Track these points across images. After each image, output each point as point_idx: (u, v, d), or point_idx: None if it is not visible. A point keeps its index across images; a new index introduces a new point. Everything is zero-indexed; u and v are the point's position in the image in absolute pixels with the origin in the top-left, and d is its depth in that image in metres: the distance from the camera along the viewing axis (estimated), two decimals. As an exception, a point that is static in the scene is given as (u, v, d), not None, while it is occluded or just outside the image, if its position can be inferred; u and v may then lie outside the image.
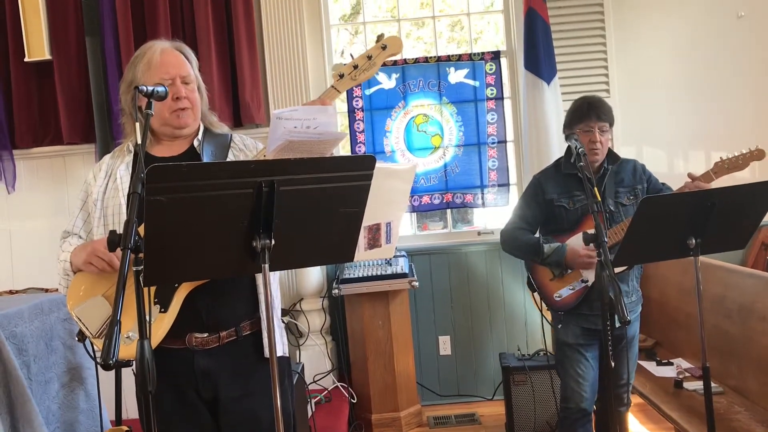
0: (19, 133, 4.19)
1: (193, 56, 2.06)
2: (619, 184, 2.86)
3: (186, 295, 1.80)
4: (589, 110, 2.79)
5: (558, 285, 2.86)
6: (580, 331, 2.84)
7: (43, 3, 4.06)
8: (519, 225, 2.96)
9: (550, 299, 2.91)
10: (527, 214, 2.96)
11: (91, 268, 1.81)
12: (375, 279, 3.81)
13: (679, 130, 4.34)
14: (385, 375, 3.96)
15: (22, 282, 4.07)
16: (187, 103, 1.95)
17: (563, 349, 2.90)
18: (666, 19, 4.36)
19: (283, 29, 4.24)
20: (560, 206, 2.86)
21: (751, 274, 3.14)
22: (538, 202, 2.92)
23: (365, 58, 1.95)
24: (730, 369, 3.05)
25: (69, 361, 2.95)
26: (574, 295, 2.82)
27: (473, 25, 4.63)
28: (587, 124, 2.78)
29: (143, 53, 1.98)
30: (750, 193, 2.29)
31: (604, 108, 2.83)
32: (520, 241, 2.92)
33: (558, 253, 2.79)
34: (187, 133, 2.02)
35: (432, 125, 4.37)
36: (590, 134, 2.78)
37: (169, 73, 1.94)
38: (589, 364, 2.84)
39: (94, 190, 1.98)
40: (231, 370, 1.91)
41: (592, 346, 2.85)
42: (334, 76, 1.95)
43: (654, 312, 3.80)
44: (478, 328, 4.45)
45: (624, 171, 2.88)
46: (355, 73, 1.94)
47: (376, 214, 1.85)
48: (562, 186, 2.88)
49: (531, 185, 3.00)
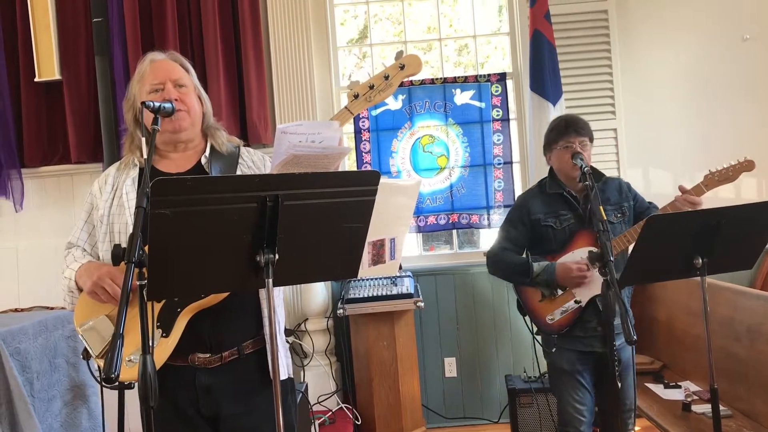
0: (27, 152, 4.22)
1: (189, 66, 2.05)
2: (606, 203, 2.79)
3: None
4: (567, 126, 2.77)
5: (549, 307, 2.79)
6: (575, 355, 2.77)
7: (54, 24, 4.12)
8: (505, 246, 2.91)
9: (542, 322, 2.83)
10: (513, 235, 2.90)
11: (96, 297, 1.79)
12: (380, 299, 3.79)
13: (685, 151, 4.34)
14: (390, 396, 3.92)
15: (27, 300, 4.08)
16: (180, 105, 1.92)
17: (560, 375, 2.83)
18: (671, 40, 4.38)
19: (290, 51, 4.28)
20: (547, 226, 2.81)
21: (759, 295, 3.10)
22: (524, 222, 2.87)
23: (382, 78, 1.90)
24: (739, 392, 3.01)
25: (72, 378, 2.95)
26: (568, 317, 2.76)
27: (479, 51, 4.66)
28: (567, 140, 2.75)
29: (137, 68, 2.00)
30: (757, 211, 2.27)
31: (582, 123, 2.80)
32: (508, 261, 2.87)
33: (548, 272, 2.74)
34: (185, 139, 1.98)
35: (438, 146, 4.38)
36: (571, 149, 2.73)
37: (158, 77, 1.94)
38: (585, 390, 2.78)
39: (100, 204, 1.96)
40: (233, 388, 1.89)
41: (587, 371, 2.79)
42: (349, 96, 1.90)
43: (661, 334, 3.77)
44: (484, 349, 4.42)
45: (609, 189, 2.85)
46: (371, 93, 1.89)
47: (381, 229, 1.84)
48: (547, 206, 2.84)
49: (516, 206, 2.97)
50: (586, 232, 2.75)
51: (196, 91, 2.01)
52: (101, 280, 1.77)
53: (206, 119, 2.04)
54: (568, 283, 2.73)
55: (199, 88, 2.04)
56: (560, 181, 2.85)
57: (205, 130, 2.04)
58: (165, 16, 4.12)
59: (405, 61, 1.91)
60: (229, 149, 2.04)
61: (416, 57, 1.93)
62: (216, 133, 2.05)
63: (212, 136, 2.04)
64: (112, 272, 1.78)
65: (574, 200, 2.80)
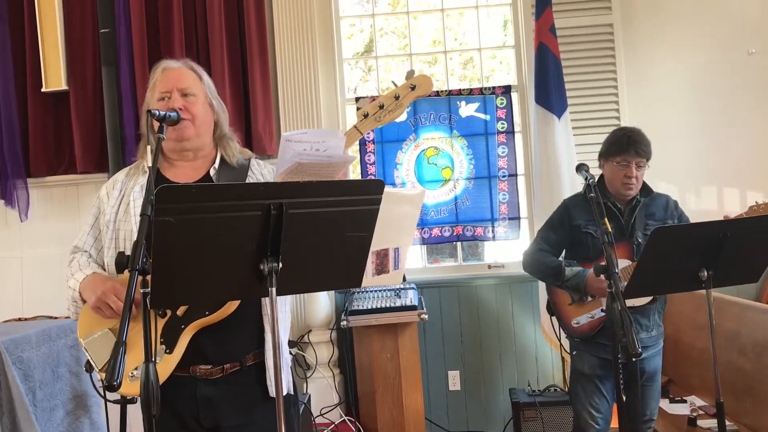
0: (33, 162, 4.24)
1: (204, 74, 2.04)
2: (650, 217, 2.82)
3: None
4: (629, 145, 2.75)
5: (577, 311, 2.83)
6: (597, 361, 2.78)
7: (62, 34, 4.15)
8: (542, 247, 2.93)
9: (568, 325, 2.87)
10: (552, 238, 2.93)
11: (100, 312, 1.79)
12: (384, 311, 3.77)
13: (691, 164, 4.33)
14: (393, 410, 3.89)
15: (31, 310, 4.08)
16: (185, 114, 1.91)
17: (579, 378, 2.84)
18: (677, 54, 4.38)
19: (296, 63, 4.30)
20: (587, 233, 2.83)
21: (765, 310, 3.09)
22: (565, 227, 2.89)
23: (392, 98, 1.88)
24: (745, 406, 2.99)
25: (75, 388, 2.94)
26: (593, 323, 2.78)
27: (484, 65, 4.67)
28: (625, 158, 2.76)
29: (151, 75, 2.01)
30: (763, 225, 2.26)
31: (644, 143, 2.79)
32: (542, 262, 2.90)
33: (578, 277, 2.76)
34: (191, 148, 1.97)
35: (443, 158, 4.38)
36: (627, 169, 2.75)
37: (166, 86, 1.94)
38: (603, 397, 2.78)
39: (107, 210, 1.96)
40: (234, 399, 1.88)
41: (609, 378, 2.78)
42: (358, 116, 1.89)
43: (667, 349, 3.71)
44: (488, 363, 4.39)
45: (655, 205, 2.86)
46: (380, 113, 1.88)
47: (385, 239, 1.84)
48: (590, 213, 2.80)
49: (559, 209, 2.98)
50: (625, 243, 2.78)
51: (207, 99, 2.00)
52: (105, 296, 1.76)
53: (219, 129, 2.04)
54: (596, 292, 2.75)
55: (212, 96, 2.03)
56: (607, 191, 2.86)
57: (217, 139, 2.04)
58: (172, 26, 4.15)
59: (416, 81, 1.89)
60: (240, 161, 2.03)
61: (427, 78, 1.90)
62: (228, 144, 2.04)
63: (224, 147, 2.03)
64: (116, 288, 1.77)
65: (618, 211, 2.82)
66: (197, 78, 2.01)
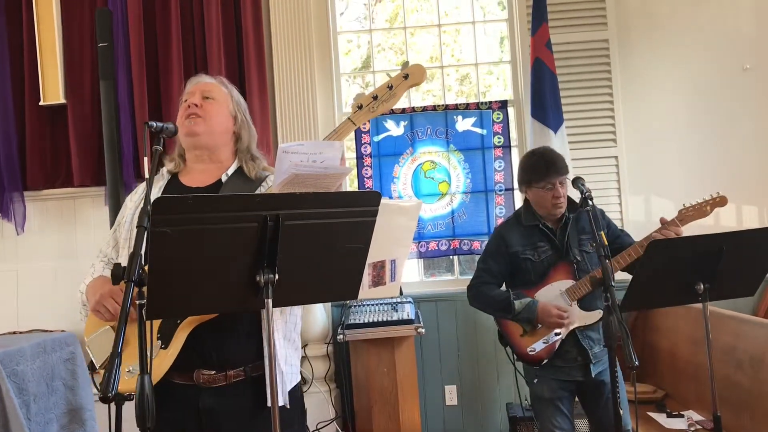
0: (30, 175, 4.24)
1: (235, 92, 2.11)
2: (581, 232, 2.87)
3: (191, 331, 1.78)
4: (548, 168, 2.81)
5: (530, 340, 2.85)
6: (557, 384, 2.83)
7: (60, 48, 4.17)
8: (485, 279, 2.96)
9: (523, 354, 2.88)
10: (493, 268, 2.95)
11: (99, 315, 1.81)
12: (380, 325, 3.76)
13: (686, 179, 4.34)
14: (390, 425, 3.87)
15: (26, 323, 4.07)
16: (196, 109, 1.97)
17: (541, 403, 2.89)
18: (672, 69, 4.41)
19: (294, 78, 4.31)
20: (526, 259, 2.87)
21: (762, 323, 3.09)
22: (503, 255, 2.92)
23: (385, 88, 1.90)
24: (742, 421, 2.98)
25: (69, 402, 2.92)
26: (548, 348, 2.81)
27: (481, 80, 4.69)
28: (548, 181, 2.80)
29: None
30: (759, 237, 2.27)
31: (560, 160, 2.85)
32: (489, 295, 2.92)
33: (529, 310, 2.79)
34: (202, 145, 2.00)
35: (439, 172, 4.39)
36: (553, 190, 2.79)
37: (191, 89, 2.03)
38: (565, 416, 2.83)
39: (127, 213, 2.02)
40: (236, 410, 1.88)
41: (568, 398, 2.85)
42: (353, 107, 1.90)
43: (664, 363, 3.74)
44: (485, 377, 4.38)
45: (583, 218, 2.86)
46: (374, 104, 1.89)
47: (381, 251, 1.84)
48: (525, 238, 2.89)
49: (493, 238, 3.01)
50: (563, 263, 2.84)
51: (229, 109, 2.05)
52: (103, 299, 1.78)
53: (240, 142, 2.07)
54: (547, 325, 2.79)
55: (238, 110, 2.07)
56: (536, 213, 2.90)
57: (239, 152, 2.07)
58: (170, 41, 4.17)
59: (409, 70, 1.90)
60: (259, 174, 2.06)
61: (420, 66, 1.91)
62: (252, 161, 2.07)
63: (245, 161, 2.06)
64: (114, 291, 1.79)
65: (550, 232, 2.87)
66: (225, 91, 2.07)
